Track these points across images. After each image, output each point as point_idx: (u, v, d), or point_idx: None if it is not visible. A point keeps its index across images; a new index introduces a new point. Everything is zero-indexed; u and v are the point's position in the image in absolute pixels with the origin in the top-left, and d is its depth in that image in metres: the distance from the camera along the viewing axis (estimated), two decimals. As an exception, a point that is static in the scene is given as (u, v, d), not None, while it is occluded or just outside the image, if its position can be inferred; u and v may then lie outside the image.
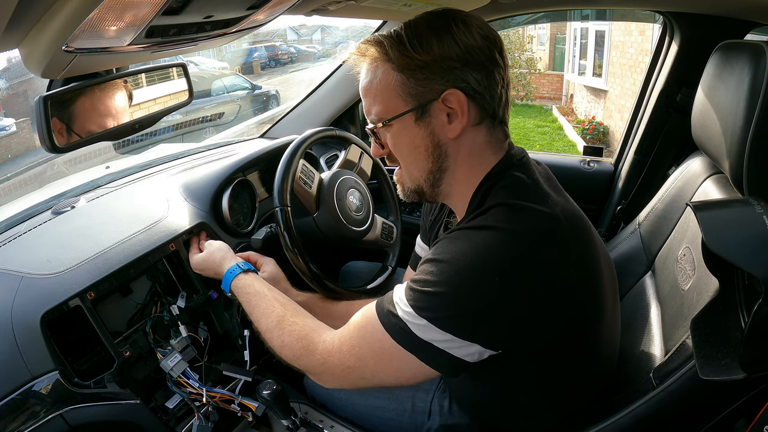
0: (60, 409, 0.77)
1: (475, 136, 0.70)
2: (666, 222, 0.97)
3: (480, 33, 0.67)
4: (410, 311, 0.63)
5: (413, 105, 0.68)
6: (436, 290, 0.61)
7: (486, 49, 0.66)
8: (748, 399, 0.63)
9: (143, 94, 0.94)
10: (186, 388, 0.90)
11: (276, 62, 12.51)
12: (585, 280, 0.65)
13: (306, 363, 0.75)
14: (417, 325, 0.62)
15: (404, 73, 0.67)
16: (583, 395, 0.76)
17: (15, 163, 4.66)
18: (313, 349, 0.74)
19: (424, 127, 0.69)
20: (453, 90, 0.66)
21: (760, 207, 0.57)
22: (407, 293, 0.64)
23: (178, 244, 1.00)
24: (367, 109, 0.72)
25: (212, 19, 0.66)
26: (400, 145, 0.71)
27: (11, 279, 0.84)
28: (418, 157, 0.71)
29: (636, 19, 3.97)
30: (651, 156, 1.38)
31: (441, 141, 0.69)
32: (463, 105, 0.67)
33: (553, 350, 0.67)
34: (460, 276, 0.60)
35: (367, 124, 0.75)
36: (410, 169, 0.73)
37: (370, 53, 0.70)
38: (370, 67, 0.70)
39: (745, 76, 0.72)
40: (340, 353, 0.70)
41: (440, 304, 0.61)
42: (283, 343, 0.77)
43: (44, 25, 0.53)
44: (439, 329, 0.61)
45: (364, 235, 1.20)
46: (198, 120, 6.29)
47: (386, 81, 0.68)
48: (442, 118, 0.68)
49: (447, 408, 0.88)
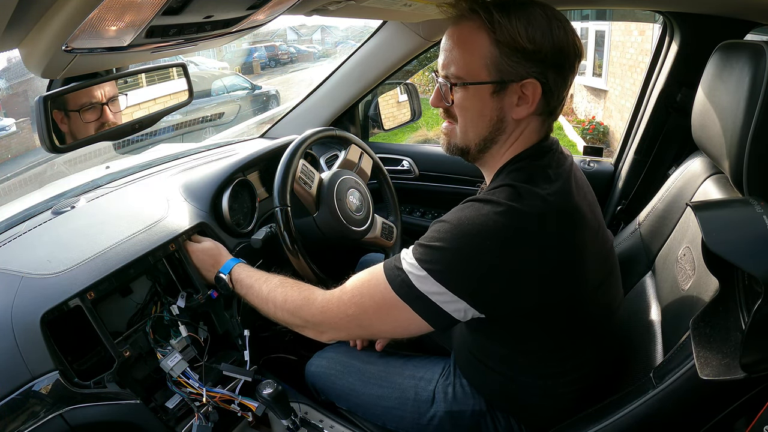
0: (60, 409, 0.77)
1: (532, 123, 0.75)
2: (666, 222, 0.97)
3: (572, 36, 0.71)
4: (413, 263, 0.69)
5: (496, 79, 0.71)
6: (439, 245, 0.68)
7: (571, 55, 0.71)
8: (748, 399, 0.63)
9: (143, 94, 0.94)
10: (186, 388, 0.90)
11: (276, 62, 12.52)
12: (566, 263, 0.70)
13: (306, 313, 0.81)
14: (417, 276, 0.69)
15: (500, 48, 0.70)
16: (580, 377, 0.79)
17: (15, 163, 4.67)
18: (314, 299, 0.80)
19: (497, 101, 0.72)
20: (534, 81, 0.70)
21: (760, 207, 0.57)
22: (414, 249, 0.71)
23: (178, 244, 1.00)
24: (447, 63, 0.74)
25: (212, 19, 0.66)
26: (467, 108, 0.75)
27: (11, 279, 0.84)
28: (480, 123, 0.75)
29: (636, 19, 3.98)
30: (651, 156, 1.38)
31: (506, 118, 0.74)
32: (536, 96, 0.71)
33: (532, 319, 0.72)
34: (459, 237, 0.67)
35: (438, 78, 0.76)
36: (466, 130, 0.77)
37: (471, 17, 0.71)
38: (468, 28, 0.72)
39: (745, 76, 0.72)
40: (340, 302, 0.77)
41: (439, 258, 0.68)
42: (286, 297, 0.84)
43: (44, 25, 0.53)
44: (435, 281, 0.68)
45: (364, 235, 1.20)
46: (198, 120, 6.30)
47: (480, 47, 0.71)
48: (513, 99, 0.72)
49: (451, 394, 0.89)
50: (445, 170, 1.65)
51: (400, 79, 1.72)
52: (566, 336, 0.76)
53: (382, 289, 0.72)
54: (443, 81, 0.75)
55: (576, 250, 0.70)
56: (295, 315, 0.83)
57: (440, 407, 0.89)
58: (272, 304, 0.86)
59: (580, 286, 0.72)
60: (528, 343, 0.77)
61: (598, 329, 0.79)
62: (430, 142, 6.31)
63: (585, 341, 0.78)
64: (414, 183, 1.70)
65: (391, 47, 1.51)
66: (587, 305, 0.75)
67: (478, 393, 0.88)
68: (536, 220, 0.67)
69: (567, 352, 0.78)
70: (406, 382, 0.93)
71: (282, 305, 0.84)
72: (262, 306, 0.89)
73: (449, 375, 0.92)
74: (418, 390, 0.92)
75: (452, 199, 0.89)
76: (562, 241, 0.69)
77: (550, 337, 0.76)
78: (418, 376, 0.94)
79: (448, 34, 0.74)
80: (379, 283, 0.73)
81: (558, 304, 0.71)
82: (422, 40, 1.47)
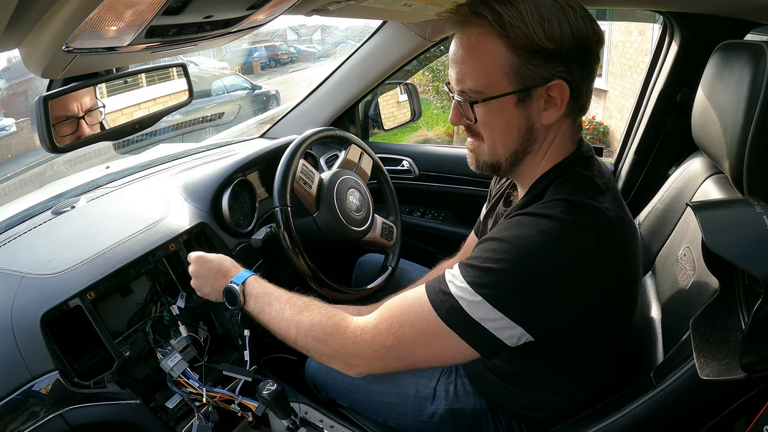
0: (60, 409, 0.77)
1: (563, 126, 0.70)
2: (666, 222, 0.97)
3: (590, 23, 0.64)
4: (466, 287, 0.62)
5: (518, 87, 0.65)
6: (495, 267, 0.61)
7: (594, 44, 0.65)
8: (748, 399, 0.63)
9: (143, 94, 0.94)
10: (186, 388, 0.90)
11: (276, 62, 12.51)
12: (624, 280, 0.66)
13: (336, 342, 0.71)
14: (470, 302, 0.61)
15: (517, 53, 0.63)
16: (594, 386, 0.78)
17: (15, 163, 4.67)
18: (346, 327, 0.71)
19: (523, 110, 0.66)
20: (560, 81, 0.64)
21: (760, 207, 0.57)
22: (464, 270, 0.63)
23: (178, 244, 1.00)
24: (461, 77, 0.67)
25: (212, 19, 0.66)
26: (492, 122, 0.68)
27: (11, 279, 0.84)
28: (509, 137, 0.69)
29: (636, 19, 3.98)
30: (651, 156, 1.38)
31: (534, 126, 0.68)
32: (565, 97, 0.65)
33: (577, 340, 0.68)
34: (519, 257, 0.61)
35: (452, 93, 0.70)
36: (495, 146, 0.70)
37: (478, 22, 0.64)
38: (476, 35, 0.65)
39: (745, 76, 0.71)
40: (376, 331, 0.68)
41: (497, 281, 0.61)
42: (314, 322, 0.73)
43: (44, 25, 0.53)
44: (492, 307, 0.60)
45: (364, 235, 1.20)
46: (198, 120, 6.30)
47: (495, 56, 0.64)
48: (540, 104, 0.66)
49: (452, 392, 0.89)
50: (445, 170, 1.64)
51: (400, 79, 1.72)
52: (600, 351, 0.73)
53: (426, 316, 0.64)
54: (461, 98, 0.68)
55: (633, 261, 0.67)
56: (324, 343, 0.71)
57: (441, 404, 0.89)
58: (295, 328, 0.74)
59: (632, 298, 0.69)
60: (561, 362, 0.72)
61: (621, 341, 0.77)
62: (430, 142, 6.30)
63: (610, 354, 0.76)
64: (414, 183, 1.70)
65: (391, 47, 1.51)
66: (627, 318, 0.72)
67: (479, 393, 0.88)
68: (598, 234, 0.62)
69: (592, 368, 0.74)
70: (407, 378, 0.93)
71: (308, 331, 0.73)
72: (281, 329, 0.77)
73: (451, 373, 0.92)
74: (419, 387, 0.91)
75: (452, 199, 0.88)
76: (623, 254, 0.65)
77: (586, 354, 0.72)
78: (420, 372, 0.93)
79: (456, 43, 0.67)
80: (422, 310, 0.65)
81: (610, 318, 0.68)
82: (422, 41, 1.47)
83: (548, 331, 0.63)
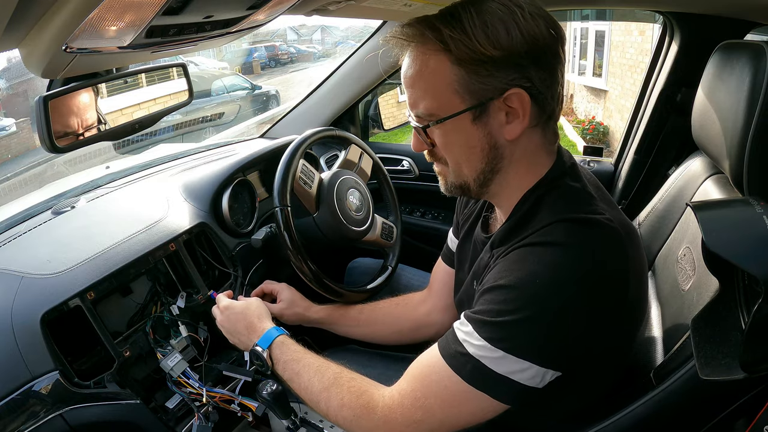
0: (60, 409, 0.77)
1: (532, 137, 0.65)
2: (666, 222, 0.97)
3: (545, 24, 0.60)
4: (484, 344, 0.58)
5: (472, 103, 0.61)
6: (511, 318, 0.57)
7: (552, 44, 0.60)
8: (748, 399, 0.63)
9: (143, 94, 0.94)
10: (186, 388, 0.90)
11: (276, 62, 12.53)
12: (641, 290, 0.64)
13: (367, 424, 0.67)
14: (492, 359, 0.58)
15: (464, 66, 0.59)
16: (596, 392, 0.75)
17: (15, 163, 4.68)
18: (374, 407, 0.67)
19: (482, 127, 0.62)
20: (517, 90, 0.60)
21: (760, 207, 0.57)
22: (477, 327, 0.60)
23: (178, 244, 1.00)
24: (413, 102, 0.65)
25: (212, 19, 0.66)
26: (452, 144, 0.65)
27: (11, 279, 0.84)
28: (472, 157, 0.65)
29: (636, 19, 3.98)
30: (651, 156, 1.38)
31: (498, 142, 0.63)
32: (525, 106, 0.61)
33: (599, 360, 0.64)
34: (533, 300, 0.57)
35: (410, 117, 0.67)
36: (459, 168, 0.67)
37: (420, 39, 0.61)
38: (420, 56, 0.62)
39: (745, 76, 0.71)
40: (403, 408, 0.64)
41: (517, 332, 0.57)
42: (343, 402, 0.69)
43: (44, 25, 0.53)
44: (517, 358, 0.57)
45: (364, 235, 1.20)
46: (198, 120, 6.30)
47: (441, 74, 0.60)
48: (501, 118, 0.62)
49: None
50: (445, 170, 1.64)
51: (400, 79, 1.72)
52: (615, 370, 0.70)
53: (448, 383, 0.60)
54: (418, 125, 0.65)
55: (642, 264, 0.65)
56: (354, 425, 0.69)
57: None
58: (325, 404, 0.71)
59: (644, 301, 0.67)
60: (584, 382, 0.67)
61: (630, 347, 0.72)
62: (430, 142, 6.29)
63: (620, 361, 0.72)
64: (414, 183, 1.70)
65: (391, 47, 1.51)
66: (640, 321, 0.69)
67: None
68: (607, 249, 0.59)
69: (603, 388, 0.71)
70: None
71: (337, 411, 0.70)
72: (311, 401, 0.74)
73: None
74: None
75: (452, 199, 0.88)
76: (633, 260, 0.61)
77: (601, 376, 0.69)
78: None
79: (403, 68, 0.65)
80: (442, 378, 0.61)
81: (628, 326, 0.65)
82: (422, 40, 1.47)
83: (575, 366, 0.61)
